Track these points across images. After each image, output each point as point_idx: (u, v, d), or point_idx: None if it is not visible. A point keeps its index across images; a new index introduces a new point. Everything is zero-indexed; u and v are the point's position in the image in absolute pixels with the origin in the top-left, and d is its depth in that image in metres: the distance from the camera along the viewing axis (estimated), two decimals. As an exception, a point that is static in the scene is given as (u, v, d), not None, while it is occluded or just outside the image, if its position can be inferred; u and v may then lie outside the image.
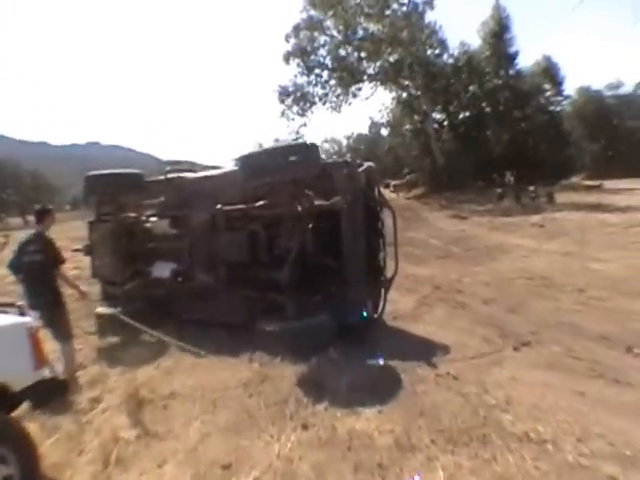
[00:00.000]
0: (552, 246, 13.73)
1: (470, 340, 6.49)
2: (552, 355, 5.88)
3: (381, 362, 5.72)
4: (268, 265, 6.51)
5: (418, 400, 4.80)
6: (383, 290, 6.97)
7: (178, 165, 8.66)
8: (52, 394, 4.08)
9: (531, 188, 28.82)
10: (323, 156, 5.96)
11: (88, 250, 8.40)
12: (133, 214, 8.21)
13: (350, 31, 34.13)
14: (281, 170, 5.78)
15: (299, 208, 6.27)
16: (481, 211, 24.10)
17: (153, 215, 8.09)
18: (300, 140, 7.78)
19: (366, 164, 6.90)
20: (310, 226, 6.30)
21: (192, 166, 9.10)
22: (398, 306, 7.55)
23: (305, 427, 4.40)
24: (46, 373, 3.97)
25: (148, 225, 8.08)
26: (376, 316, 6.94)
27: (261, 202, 6.55)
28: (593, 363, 5.60)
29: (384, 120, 45.63)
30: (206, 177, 7.92)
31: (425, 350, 6.18)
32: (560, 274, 9.92)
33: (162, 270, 7.56)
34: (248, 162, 6.13)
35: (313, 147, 6.16)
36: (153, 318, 7.39)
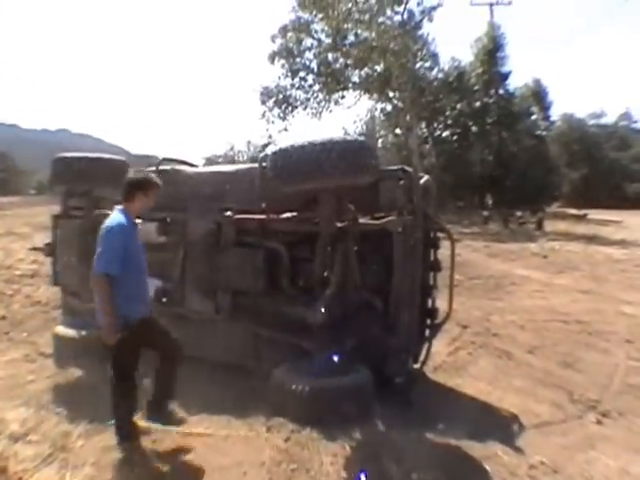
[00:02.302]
0: (565, 281, 12.63)
1: (537, 405, 5.26)
2: (646, 433, 4.70)
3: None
4: (291, 298, 5.04)
5: (523, 510, 3.48)
6: (429, 338, 5.53)
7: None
8: None
9: (519, 213, 28.21)
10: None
11: (50, 250, 6.73)
12: (110, 212, 6.54)
13: (339, 36, 32.94)
14: (329, 173, 4.28)
15: (339, 226, 4.82)
16: (469, 234, 23.02)
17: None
18: (349, 137, 6.57)
19: (425, 176, 5.44)
20: (355, 252, 4.84)
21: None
22: (431, 350, 6.16)
23: None
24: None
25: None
26: (417, 366, 5.52)
27: (288, 214, 5.04)
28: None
29: (357, 132, 44.37)
30: (213, 173, 6.34)
31: (491, 420, 4.92)
32: (594, 318, 8.80)
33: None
34: (282, 159, 4.55)
35: (371, 147, 4.69)
36: None
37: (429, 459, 3.99)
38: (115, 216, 4.28)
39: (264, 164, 5.00)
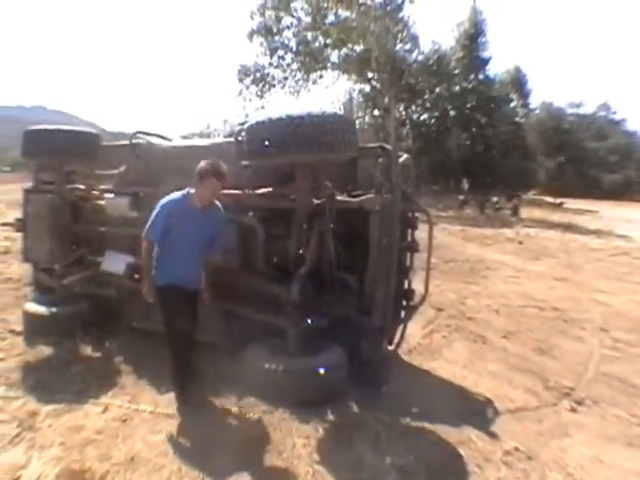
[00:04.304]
0: (540, 268, 12.65)
1: (511, 391, 5.21)
2: (619, 422, 4.71)
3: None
4: (265, 275, 4.92)
5: (499, 497, 3.47)
6: (404, 319, 5.46)
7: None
8: None
9: (495, 199, 28.28)
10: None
11: (20, 226, 6.52)
12: (82, 186, 6.35)
13: (319, 15, 32.62)
14: (306, 147, 4.13)
15: (315, 202, 4.70)
16: (445, 217, 22.94)
17: (108, 190, 6.19)
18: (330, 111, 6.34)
19: (404, 155, 5.32)
20: (331, 229, 4.73)
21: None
22: (405, 332, 6.08)
23: None
24: None
25: (100, 202, 6.19)
26: (391, 348, 5.45)
27: (263, 189, 4.91)
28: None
29: (336, 112, 44.19)
30: (187, 147, 6.17)
31: (466, 404, 4.86)
32: (569, 305, 8.81)
33: (114, 263, 5.80)
34: (258, 132, 4.40)
35: (350, 121, 4.55)
36: (98, 325, 5.89)
37: (403, 443, 3.92)
38: (175, 193, 4.52)
39: (240, 137, 4.86)
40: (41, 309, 5.88)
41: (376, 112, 39.18)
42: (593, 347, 6.73)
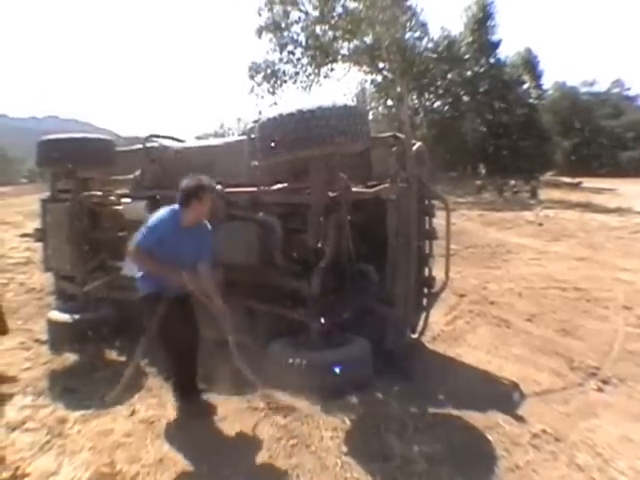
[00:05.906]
0: (560, 248, 12.57)
1: (537, 373, 5.21)
2: (647, 401, 4.63)
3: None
4: (284, 270, 4.93)
5: (528, 480, 3.46)
6: (426, 307, 5.44)
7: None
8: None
9: (512, 182, 28.08)
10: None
11: (39, 236, 6.63)
12: (99, 192, 6.41)
13: (327, 8, 32.55)
14: (318, 141, 4.13)
15: (331, 195, 4.71)
16: (464, 203, 22.83)
17: (125, 195, 6.26)
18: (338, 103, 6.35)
19: (417, 143, 5.30)
20: (348, 221, 4.74)
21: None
22: (428, 319, 6.07)
23: None
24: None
25: (118, 207, 6.25)
26: (415, 336, 5.44)
27: (279, 185, 4.92)
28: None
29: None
30: (200, 147, 6.20)
31: (492, 389, 4.88)
32: (592, 284, 8.71)
33: (135, 267, 5.86)
34: (270, 129, 4.41)
35: (361, 112, 4.53)
36: (122, 329, 5.97)
37: (430, 431, 3.93)
38: (162, 213, 4.27)
39: (252, 135, 4.88)
40: (64, 317, 5.93)
41: (389, 102, 39.01)
42: (617, 326, 6.70)
